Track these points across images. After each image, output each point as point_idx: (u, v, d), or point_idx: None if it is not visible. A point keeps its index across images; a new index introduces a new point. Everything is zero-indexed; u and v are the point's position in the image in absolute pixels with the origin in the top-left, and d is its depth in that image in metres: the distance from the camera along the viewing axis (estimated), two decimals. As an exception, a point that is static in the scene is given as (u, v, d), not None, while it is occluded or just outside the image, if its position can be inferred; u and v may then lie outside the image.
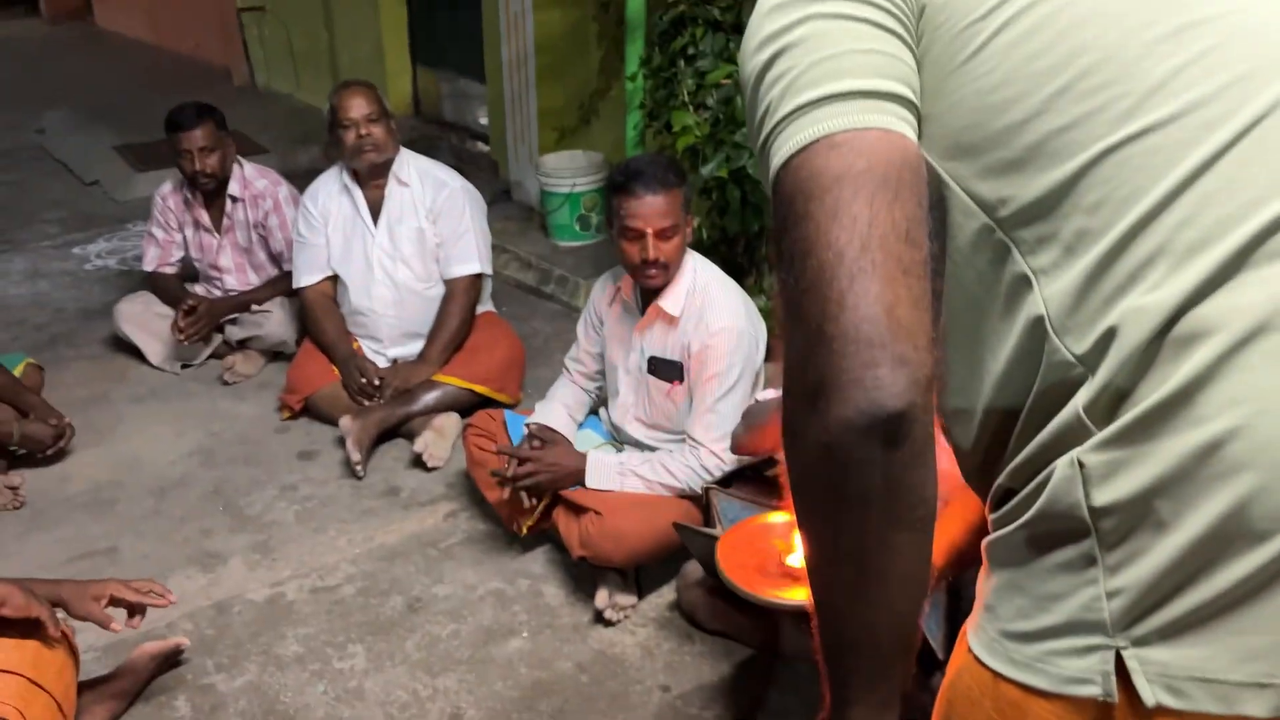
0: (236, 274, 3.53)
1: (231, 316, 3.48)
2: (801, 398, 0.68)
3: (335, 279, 3.20)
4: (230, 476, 2.88)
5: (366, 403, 3.03)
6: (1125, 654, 0.67)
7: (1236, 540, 0.63)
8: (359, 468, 2.81)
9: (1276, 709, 0.63)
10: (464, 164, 4.52)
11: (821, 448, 0.67)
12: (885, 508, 0.68)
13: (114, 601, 1.85)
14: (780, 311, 0.71)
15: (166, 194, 3.50)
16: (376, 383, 3.05)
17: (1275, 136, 0.65)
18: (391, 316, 3.16)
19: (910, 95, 0.73)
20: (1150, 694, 0.66)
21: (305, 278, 3.20)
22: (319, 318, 3.17)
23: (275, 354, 3.50)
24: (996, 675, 0.74)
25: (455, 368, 3.07)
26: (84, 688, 1.92)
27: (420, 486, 2.81)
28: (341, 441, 2.88)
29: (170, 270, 3.54)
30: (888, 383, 0.64)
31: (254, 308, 3.45)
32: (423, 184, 3.11)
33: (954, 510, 1.45)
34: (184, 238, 3.53)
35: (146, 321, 3.49)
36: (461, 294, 3.12)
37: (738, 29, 2.96)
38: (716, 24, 3.04)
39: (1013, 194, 0.70)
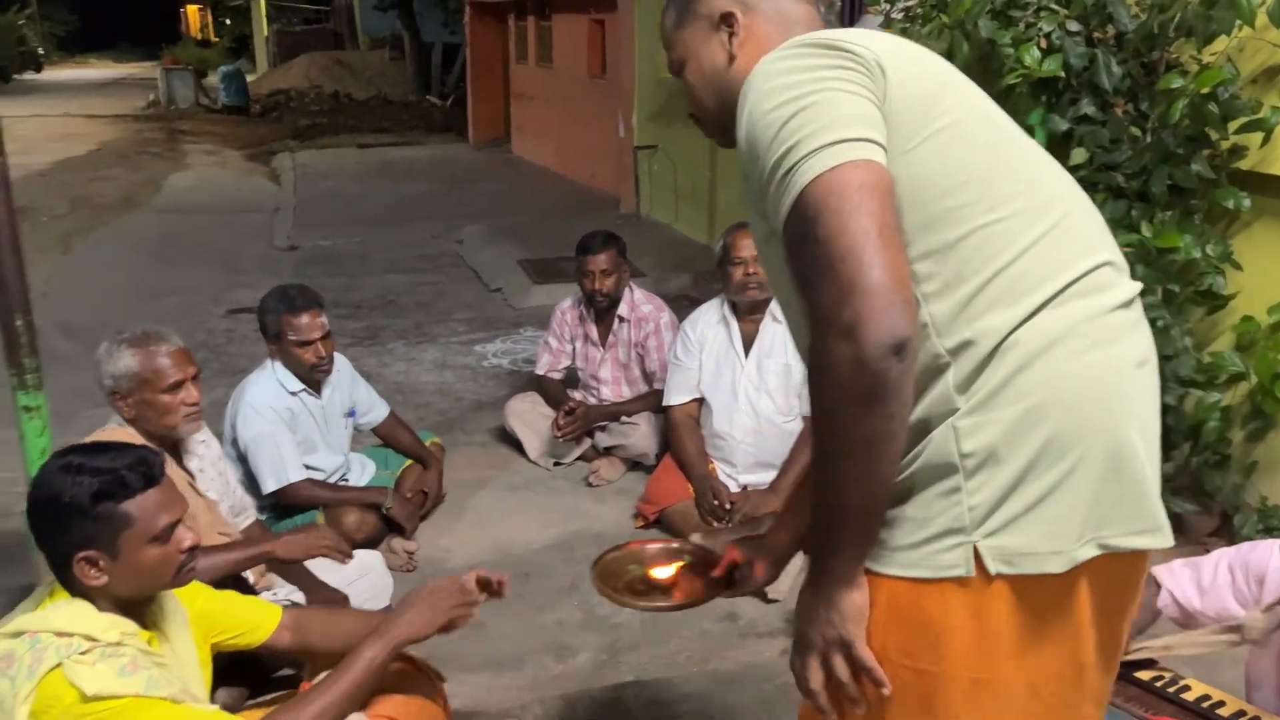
0: (613, 386, 3.84)
1: (603, 424, 3.77)
2: (838, 335, 1.04)
3: (701, 402, 3.38)
4: (586, 574, 3.07)
5: (715, 524, 3.14)
6: (979, 545, 1.11)
7: (1042, 463, 1.09)
8: (703, 587, 2.89)
9: (1069, 564, 1.10)
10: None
11: (857, 363, 1.03)
12: (896, 402, 1.06)
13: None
14: (807, 282, 1.08)
15: (565, 309, 3.91)
16: (728, 505, 3.16)
17: (1072, 229, 1.16)
18: (749, 444, 3.28)
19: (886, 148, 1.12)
20: (993, 566, 1.10)
21: (675, 397, 3.41)
22: (682, 436, 3.36)
23: (635, 464, 3.74)
24: (894, 579, 1.15)
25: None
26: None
27: (760, 617, 2.83)
28: (689, 559, 2.99)
29: (556, 376, 3.92)
30: (901, 317, 1.03)
31: (624, 419, 3.72)
32: (796, 322, 3.23)
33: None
34: (573, 349, 3.91)
35: (531, 419, 3.88)
36: (819, 433, 3.16)
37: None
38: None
39: (918, 242, 1.12)
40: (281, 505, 3.04)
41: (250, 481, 2.99)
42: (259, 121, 15.77)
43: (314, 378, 3.08)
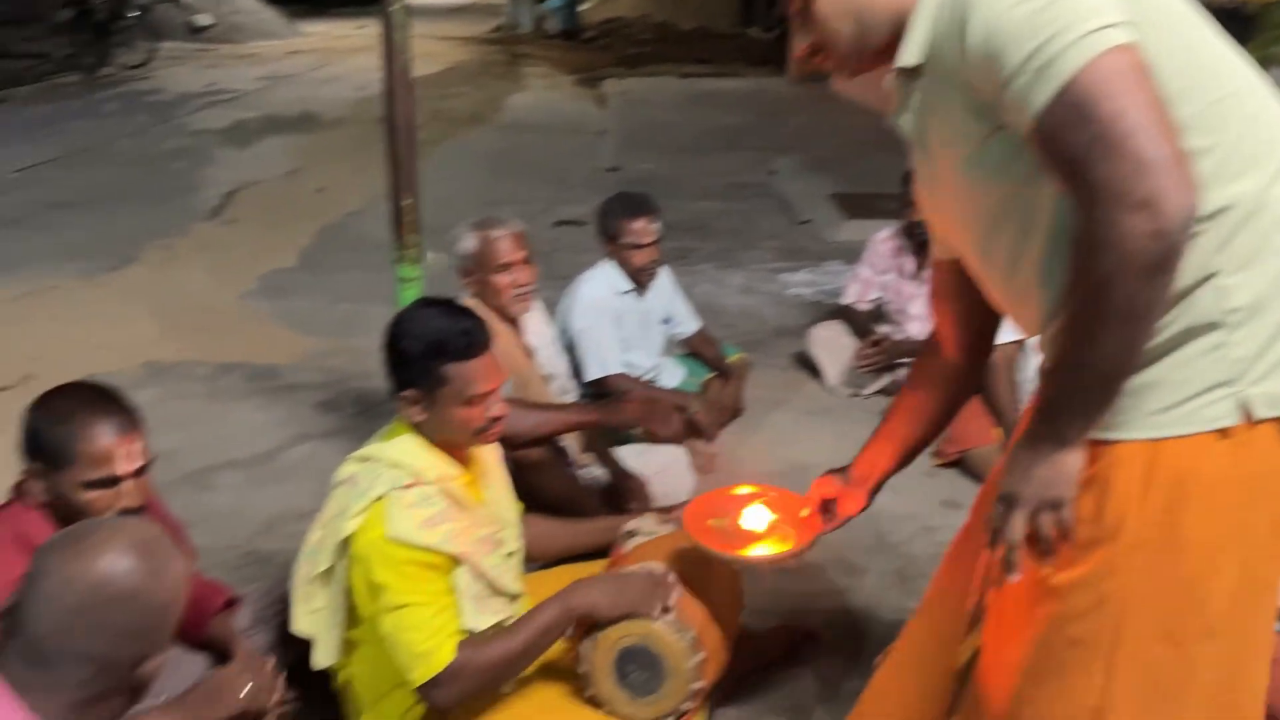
0: (922, 322, 3.77)
1: (906, 360, 3.72)
2: (1131, 209, 1.09)
3: (1020, 345, 3.25)
4: (877, 503, 3.08)
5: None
6: (1248, 393, 1.21)
7: None
8: (1000, 532, 2.83)
9: None
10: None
11: (1154, 236, 1.09)
12: (1174, 273, 1.13)
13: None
14: (1084, 163, 1.12)
15: (881, 239, 3.87)
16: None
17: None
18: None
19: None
20: (1262, 411, 1.21)
21: (1003, 335, 3.29)
22: (999, 378, 3.24)
23: (937, 404, 3.67)
24: (1155, 441, 1.24)
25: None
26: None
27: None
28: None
29: (864, 307, 3.91)
30: (1192, 189, 1.10)
31: (931, 357, 3.65)
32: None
33: (903, 414, 1.78)
34: (883, 281, 3.87)
35: (833, 347, 3.90)
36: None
37: None
38: None
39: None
40: (598, 395, 3.28)
41: (574, 372, 3.26)
42: (589, 48, 16.49)
43: (641, 280, 3.28)
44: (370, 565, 1.80)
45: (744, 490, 2.03)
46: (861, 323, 3.86)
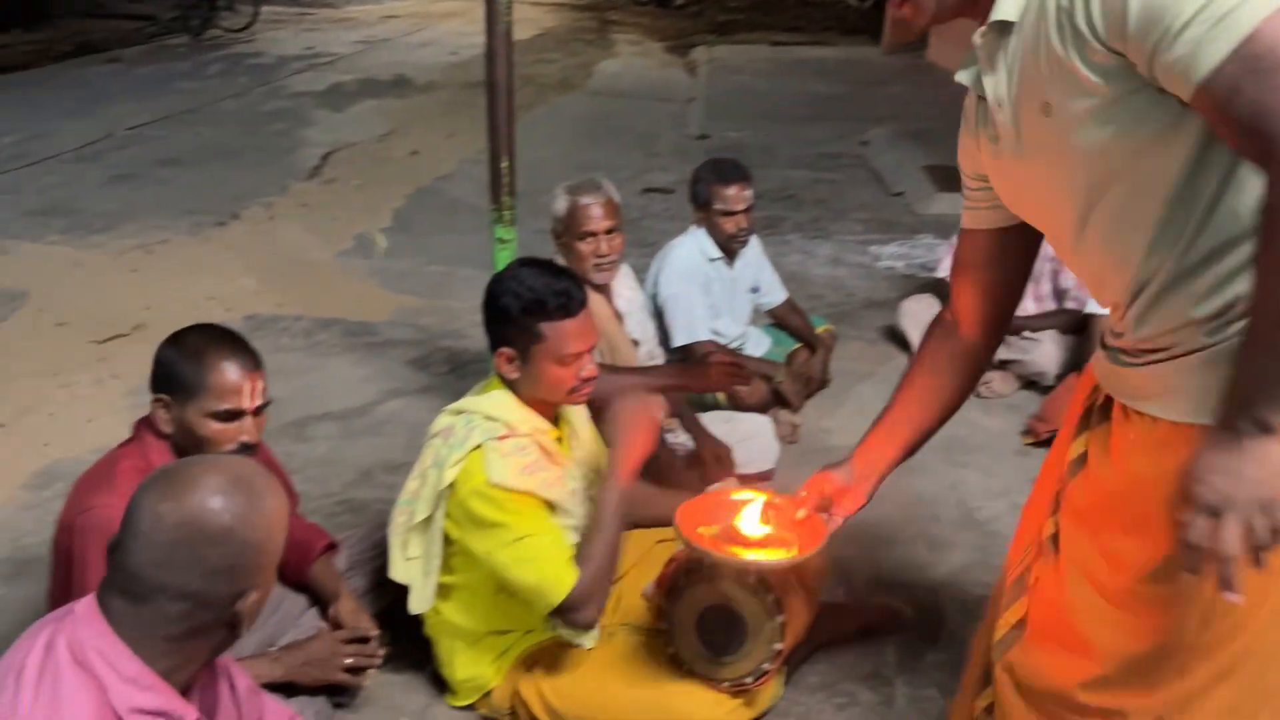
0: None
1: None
2: None
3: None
4: (966, 479, 3.06)
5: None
6: None
7: None
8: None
9: None
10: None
11: None
12: None
13: None
14: (1273, 112, 1.05)
15: (978, 213, 3.78)
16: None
17: None
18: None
19: None
20: None
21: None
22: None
23: (1030, 382, 3.60)
24: None
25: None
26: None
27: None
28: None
29: (957, 281, 3.83)
30: None
31: (1025, 334, 3.57)
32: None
33: (911, 400, 1.70)
34: (978, 255, 3.79)
35: (924, 320, 3.80)
36: None
37: None
38: None
39: None
40: (685, 362, 3.29)
41: (661, 338, 3.28)
42: (680, 15, 16.34)
43: (731, 248, 3.27)
44: (478, 509, 1.85)
45: (739, 495, 1.91)
46: (954, 297, 3.79)
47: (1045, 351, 3.51)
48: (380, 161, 6.99)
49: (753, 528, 1.78)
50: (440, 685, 2.17)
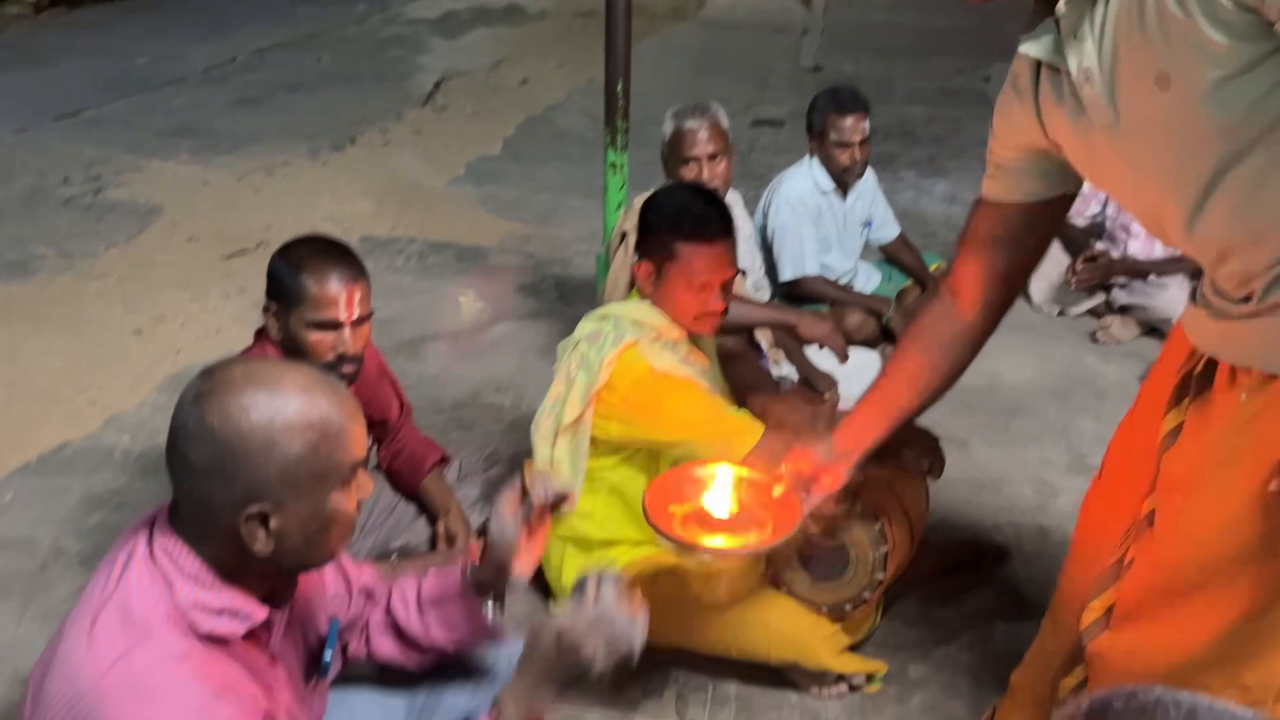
0: (1144, 241, 3.53)
1: (1123, 280, 3.51)
2: None
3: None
4: (1079, 425, 2.98)
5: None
6: None
7: None
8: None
9: None
10: None
11: None
12: None
13: None
14: None
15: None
16: None
17: None
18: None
19: None
20: None
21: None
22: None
23: (1153, 328, 3.46)
24: None
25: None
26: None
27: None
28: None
29: (1081, 222, 3.68)
30: None
31: (1151, 277, 3.43)
32: None
33: (901, 379, 1.60)
34: (1103, 195, 3.62)
35: (1042, 262, 3.71)
36: None
37: None
38: None
39: None
40: (792, 296, 3.27)
41: (768, 269, 3.25)
42: (797, -56, 15.87)
43: (845, 180, 3.21)
44: (646, 398, 1.89)
45: (710, 470, 1.70)
46: (1077, 239, 3.64)
47: (1172, 297, 3.36)
48: (492, 90, 7.03)
49: (721, 507, 1.63)
50: (545, 590, 2.22)
